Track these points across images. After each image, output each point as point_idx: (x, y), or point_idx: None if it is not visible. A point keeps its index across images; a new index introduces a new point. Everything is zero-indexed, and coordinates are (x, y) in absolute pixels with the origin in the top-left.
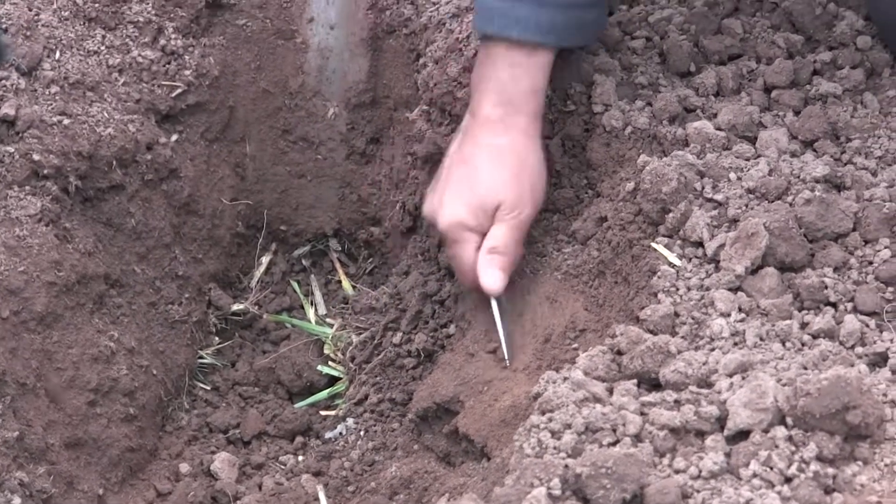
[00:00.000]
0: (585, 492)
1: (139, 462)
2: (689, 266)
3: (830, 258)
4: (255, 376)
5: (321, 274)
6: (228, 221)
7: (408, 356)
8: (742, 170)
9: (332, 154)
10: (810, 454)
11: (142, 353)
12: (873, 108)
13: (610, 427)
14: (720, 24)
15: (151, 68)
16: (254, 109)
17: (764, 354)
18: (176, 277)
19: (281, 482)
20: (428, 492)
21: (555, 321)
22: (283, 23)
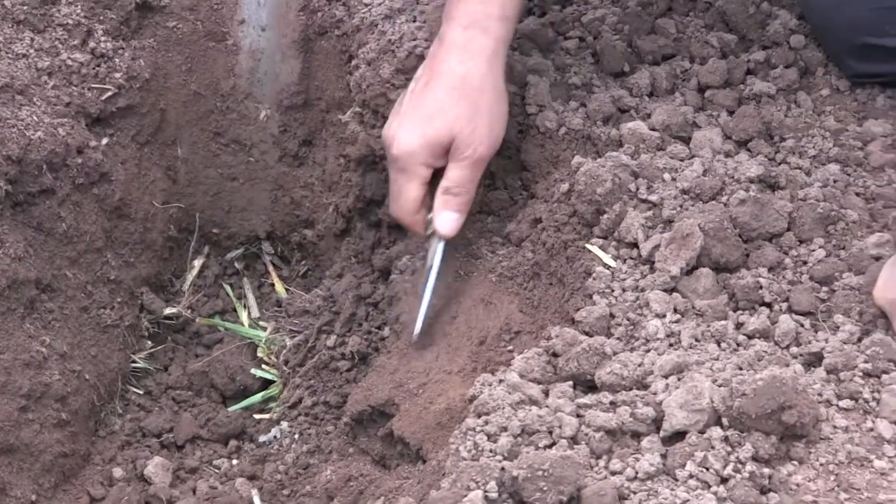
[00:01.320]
0: (522, 494)
1: (72, 467)
2: (623, 267)
3: (765, 258)
4: (189, 380)
5: (254, 277)
6: (160, 225)
7: (342, 359)
8: (676, 170)
9: (264, 156)
10: (746, 454)
11: (74, 357)
12: (807, 108)
13: (546, 429)
14: (654, 25)
15: (81, 71)
16: (185, 112)
17: (699, 355)
18: (108, 282)
19: (215, 486)
20: (363, 495)
21: (490, 323)
22: (214, 25)
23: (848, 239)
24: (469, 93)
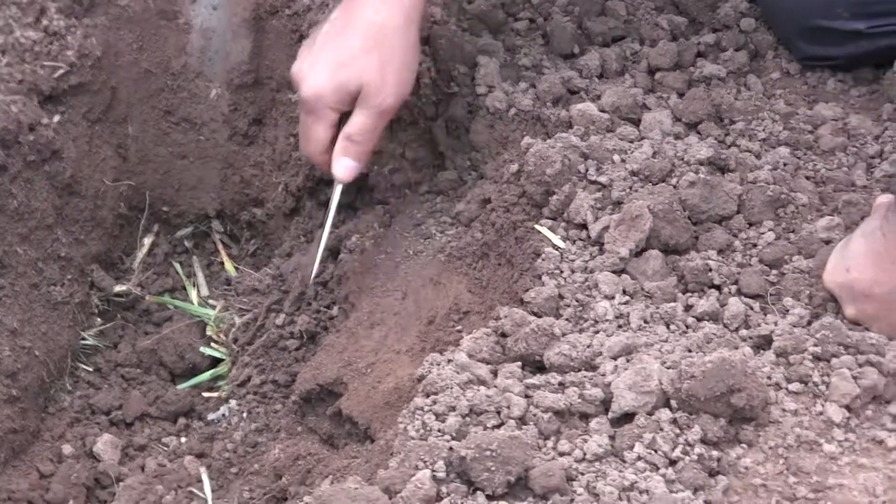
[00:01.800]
0: (470, 474)
1: (21, 443)
2: (573, 248)
3: (714, 241)
4: (138, 358)
5: (204, 255)
6: (111, 202)
7: (291, 338)
8: (626, 152)
9: (214, 135)
10: (695, 437)
11: (24, 334)
12: (757, 91)
13: (494, 409)
14: (604, 6)
15: (34, 49)
16: (136, 90)
17: (648, 337)
18: (58, 259)
19: (164, 464)
20: (311, 474)
21: (438, 303)
22: (165, 3)
23: (798, 222)
24: (382, 43)
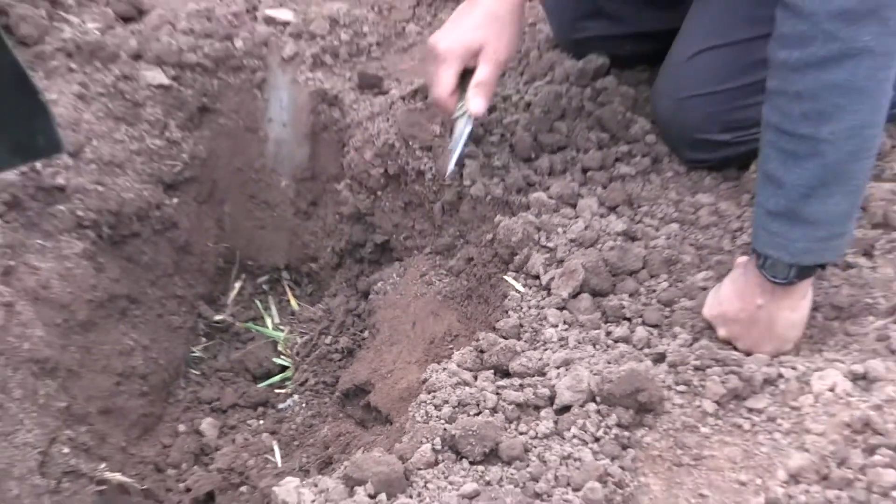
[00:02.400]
0: (458, 447)
1: (150, 424)
2: (529, 292)
3: (627, 287)
4: (231, 365)
5: (276, 295)
6: (212, 258)
7: (335, 353)
8: (566, 226)
9: (283, 212)
10: (612, 422)
11: (152, 349)
12: (657, 184)
13: (475, 402)
14: (552, 125)
15: (160, 152)
16: (230, 181)
17: (581, 353)
18: (175, 297)
19: (248, 438)
20: (349, 446)
21: (437, 329)
22: (250, 122)
23: (684, 275)
24: (497, 19)
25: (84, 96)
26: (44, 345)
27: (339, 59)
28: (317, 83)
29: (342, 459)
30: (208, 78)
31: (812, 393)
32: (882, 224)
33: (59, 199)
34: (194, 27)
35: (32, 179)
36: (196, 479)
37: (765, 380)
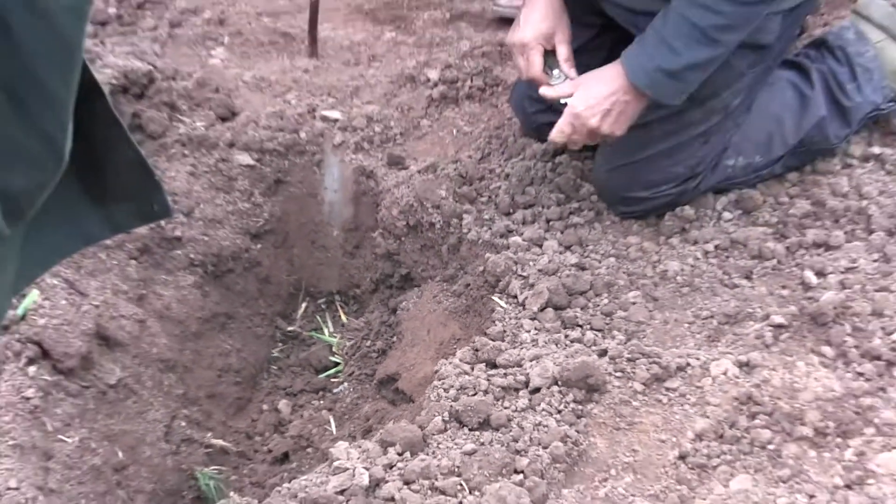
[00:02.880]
0: (460, 418)
1: (242, 405)
2: (510, 308)
3: (579, 303)
4: (299, 362)
5: (331, 312)
6: (285, 286)
7: (373, 352)
8: (535, 260)
9: (336, 253)
10: (569, 399)
11: (243, 351)
12: (599, 230)
13: (472, 387)
14: (524, 189)
15: (248, 212)
16: (297, 232)
17: (547, 350)
18: (259, 314)
19: (312, 414)
20: (383, 419)
21: (444, 335)
22: (311, 189)
23: (619, 294)
24: (555, 10)
25: (194, 173)
26: (166, 349)
27: (374, 144)
28: (357, 162)
29: (378, 428)
30: (281, 159)
31: (710, 376)
32: (758, 256)
33: (177, 245)
34: (271, 124)
35: (158, 232)
36: (275, 444)
37: (677, 367)
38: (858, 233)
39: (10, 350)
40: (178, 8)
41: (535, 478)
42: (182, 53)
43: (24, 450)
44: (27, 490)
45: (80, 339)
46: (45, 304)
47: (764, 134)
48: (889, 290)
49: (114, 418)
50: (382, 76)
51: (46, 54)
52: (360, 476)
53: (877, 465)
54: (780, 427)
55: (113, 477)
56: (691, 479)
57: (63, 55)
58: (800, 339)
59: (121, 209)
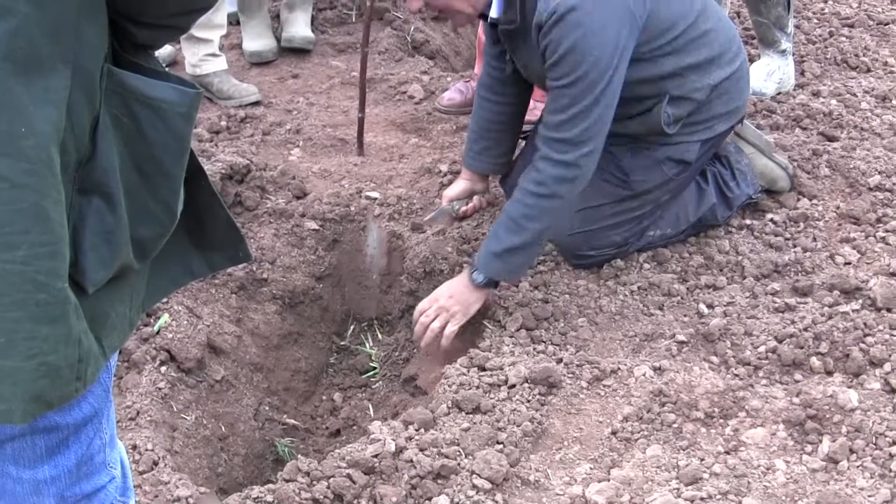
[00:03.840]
0: (460, 406)
1: (308, 395)
2: (495, 329)
3: (543, 326)
4: (349, 367)
5: (371, 331)
6: (339, 314)
7: (401, 360)
8: (513, 296)
9: (374, 291)
10: (536, 392)
11: (310, 359)
12: (559, 275)
13: (467, 384)
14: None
15: (313, 262)
16: (348, 276)
17: (520, 359)
18: (321, 332)
19: (356, 403)
20: (406, 406)
21: (450, 349)
22: (358, 246)
23: (572, 320)
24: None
25: (276, 235)
26: (255, 356)
27: (402, 216)
28: (390, 228)
29: (402, 413)
30: (337, 225)
31: (634, 377)
32: (667, 294)
33: (264, 284)
34: (331, 201)
35: (251, 275)
36: (331, 423)
37: (611, 370)
38: (736, 278)
39: (149, 355)
40: (268, 121)
41: (511, 447)
42: (270, 153)
43: (157, 424)
44: (159, 451)
45: (196, 348)
46: (173, 323)
47: (674, 215)
48: (756, 317)
49: (219, 403)
50: (408, 168)
51: (164, 143)
52: (388, 445)
53: (747, 438)
54: (681, 412)
55: (218, 444)
56: (620, 448)
57: (176, 144)
58: (695, 352)
59: (216, 255)
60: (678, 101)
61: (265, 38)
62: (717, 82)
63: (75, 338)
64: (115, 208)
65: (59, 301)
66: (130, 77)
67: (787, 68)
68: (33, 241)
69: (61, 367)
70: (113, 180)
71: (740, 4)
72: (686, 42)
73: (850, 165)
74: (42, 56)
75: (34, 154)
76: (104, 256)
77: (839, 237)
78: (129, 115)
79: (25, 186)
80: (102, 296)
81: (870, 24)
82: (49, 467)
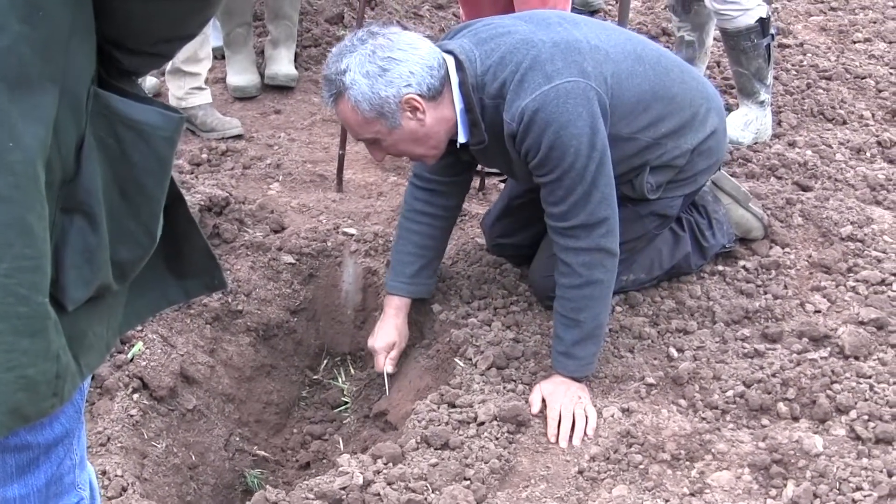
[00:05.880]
0: (428, 441)
1: (279, 428)
2: (466, 367)
3: (513, 366)
4: (320, 401)
5: (345, 366)
6: (313, 347)
7: (372, 395)
8: (485, 335)
9: (348, 327)
10: (504, 430)
11: (282, 391)
12: (531, 316)
13: (437, 419)
14: (480, 286)
15: (289, 295)
16: (323, 310)
17: (490, 396)
18: (294, 366)
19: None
20: (376, 441)
21: (420, 384)
22: (334, 282)
23: (542, 360)
24: (399, 329)
25: (253, 267)
26: (228, 387)
27: (378, 252)
28: (366, 264)
29: (372, 447)
30: (314, 260)
31: (602, 417)
32: (638, 336)
33: (239, 316)
34: (308, 235)
35: (226, 305)
36: (301, 456)
37: None
38: (706, 323)
39: (121, 382)
40: (249, 155)
41: (479, 483)
42: (250, 186)
43: (127, 450)
44: (129, 478)
45: (169, 376)
46: (147, 351)
47: (648, 260)
48: (725, 362)
49: (190, 432)
50: (386, 206)
51: (147, 166)
52: (356, 478)
53: (712, 480)
54: (648, 453)
55: (188, 472)
56: (586, 487)
57: (158, 167)
58: (664, 394)
59: (192, 281)
60: (659, 169)
61: (249, 74)
62: (695, 145)
63: (54, 353)
64: (97, 228)
65: (39, 315)
66: (116, 100)
67: (764, 119)
68: (16, 255)
69: (39, 381)
70: (96, 200)
71: (720, 54)
72: (656, 114)
73: (823, 215)
74: (32, 74)
75: (20, 168)
76: (85, 275)
77: (810, 285)
78: (113, 137)
79: (10, 200)
80: (81, 315)
81: (847, 77)
82: (19, 486)
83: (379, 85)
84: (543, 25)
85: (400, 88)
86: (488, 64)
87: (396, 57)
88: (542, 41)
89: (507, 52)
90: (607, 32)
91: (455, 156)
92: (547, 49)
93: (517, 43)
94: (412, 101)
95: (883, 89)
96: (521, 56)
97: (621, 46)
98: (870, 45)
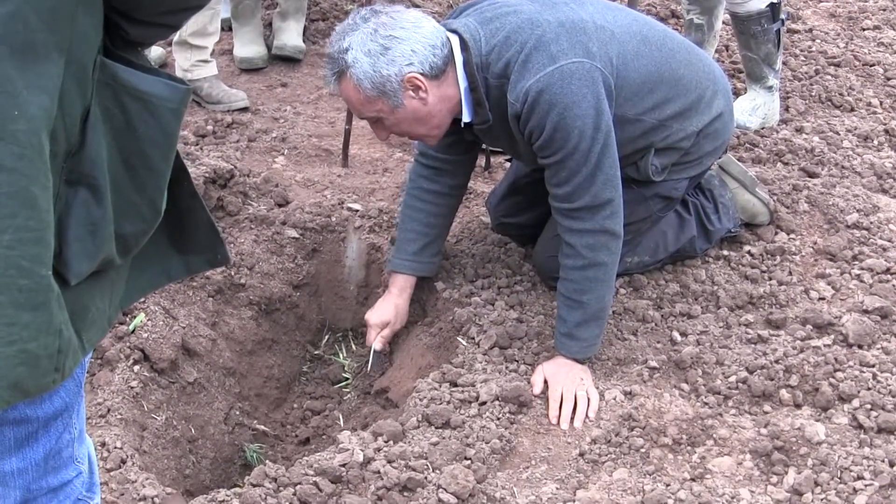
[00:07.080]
0: (430, 420)
1: (279, 403)
2: (469, 346)
3: (516, 346)
4: (321, 376)
5: (346, 342)
6: (315, 323)
7: (372, 373)
8: (489, 315)
9: (351, 302)
10: (506, 410)
11: (283, 366)
12: (534, 296)
13: (439, 398)
14: (484, 265)
15: (292, 270)
16: (326, 286)
17: (492, 376)
18: (296, 341)
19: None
20: (377, 418)
21: (423, 362)
22: (337, 257)
23: (545, 341)
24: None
25: (257, 241)
26: (229, 360)
27: (382, 228)
28: (370, 240)
29: (373, 424)
30: (318, 235)
31: (605, 400)
32: (641, 319)
33: (241, 290)
34: (312, 210)
35: (229, 279)
36: (301, 431)
37: None
38: (710, 308)
39: (122, 354)
40: (254, 128)
41: (479, 463)
42: (255, 159)
43: (127, 422)
44: (128, 450)
45: (170, 349)
46: (149, 323)
47: (653, 243)
48: (728, 347)
49: (190, 405)
50: (391, 182)
51: (153, 138)
52: (357, 455)
53: (713, 466)
54: (649, 437)
55: (187, 446)
56: (587, 470)
57: (164, 139)
58: (667, 378)
59: (195, 257)
60: (664, 151)
61: (256, 45)
62: (701, 127)
63: (56, 327)
64: (102, 201)
65: (42, 288)
66: (123, 70)
67: (772, 104)
68: (19, 226)
69: (41, 356)
70: (100, 172)
71: (729, 38)
72: (661, 96)
73: (829, 202)
74: (37, 42)
75: (25, 139)
76: (88, 248)
77: (815, 272)
78: (119, 108)
79: (14, 170)
80: (84, 289)
81: (856, 64)
82: (17, 459)
83: (381, 63)
84: (549, 5)
85: (402, 67)
86: (493, 43)
87: (398, 35)
88: (547, 21)
89: (512, 32)
90: (613, 13)
91: (460, 135)
92: (552, 29)
93: (522, 22)
94: (414, 80)
95: (891, 77)
96: (526, 36)
97: (627, 27)
98: (879, 33)
